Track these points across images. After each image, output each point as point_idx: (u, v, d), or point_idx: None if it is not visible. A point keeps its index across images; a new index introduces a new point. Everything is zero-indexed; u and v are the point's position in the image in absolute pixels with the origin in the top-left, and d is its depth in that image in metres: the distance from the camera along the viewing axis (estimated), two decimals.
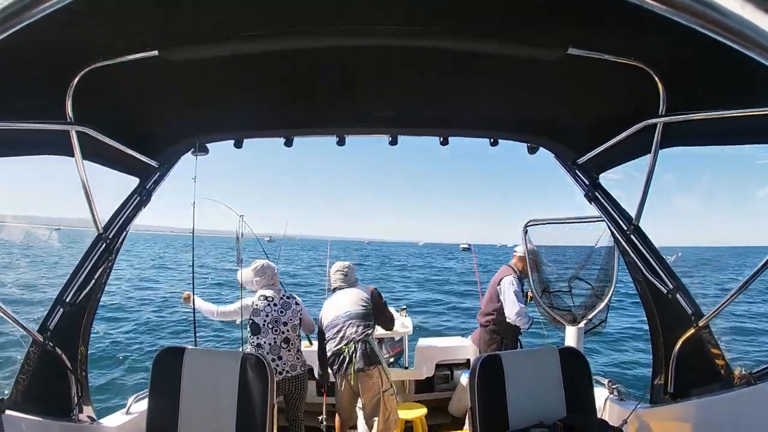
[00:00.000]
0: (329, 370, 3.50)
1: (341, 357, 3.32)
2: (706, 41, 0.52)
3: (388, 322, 3.72)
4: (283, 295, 3.66)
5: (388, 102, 2.38)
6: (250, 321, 3.54)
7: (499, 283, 4.21)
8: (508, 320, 4.13)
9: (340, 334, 3.36)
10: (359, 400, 3.43)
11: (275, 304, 3.57)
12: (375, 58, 1.86)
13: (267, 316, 3.52)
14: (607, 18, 1.50)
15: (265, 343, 3.50)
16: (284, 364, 3.50)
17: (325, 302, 3.68)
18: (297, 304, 3.67)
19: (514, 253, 4.48)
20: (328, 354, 3.42)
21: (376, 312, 3.55)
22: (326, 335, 3.46)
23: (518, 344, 4.30)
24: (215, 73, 1.97)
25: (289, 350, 3.54)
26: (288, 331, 3.55)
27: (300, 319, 3.64)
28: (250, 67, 1.94)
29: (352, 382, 3.28)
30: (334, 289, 3.70)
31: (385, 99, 2.34)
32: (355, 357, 3.24)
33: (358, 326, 3.36)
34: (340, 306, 3.48)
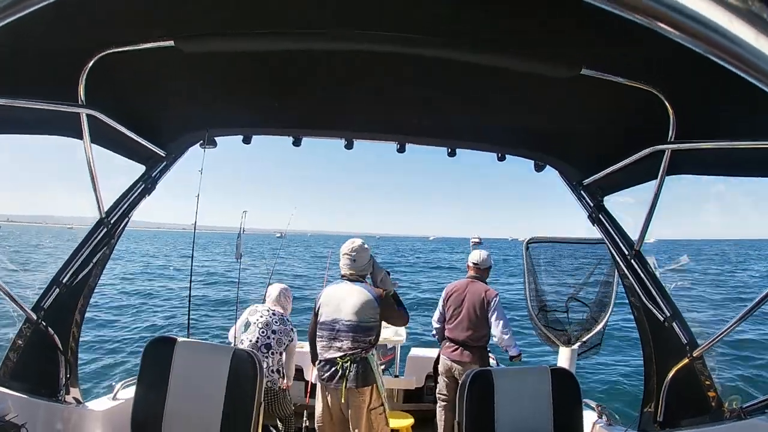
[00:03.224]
0: (315, 375, 3.24)
1: (332, 368, 3.04)
2: (720, 71, 0.52)
3: (400, 321, 3.32)
4: (284, 316, 3.74)
5: (398, 109, 2.39)
6: (246, 321, 3.66)
7: (489, 300, 3.97)
8: (495, 340, 3.94)
9: (337, 344, 3.05)
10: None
11: (273, 314, 3.67)
12: (388, 65, 1.87)
13: (261, 317, 3.62)
14: (623, 41, 1.51)
15: (246, 339, 3.53)
16: None
17: (327, 289, 3.27)
18: (289, 328, 3.69)
19: (474, 265, 4.20)
20: (319, 356, 3.15)
21: (386, 317, 3.17)
22: (318, 332, 3.16)
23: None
24: (229, 67, 1.99)
25: (266, 357, 3.51)
26: (272, 339, 3.56)
27: (285, 344, 3.66)
28: (264, 65, 1.95)
29: (342, 399, 3.01)
30: (342, 276, 3.24)
31: (395, 106, 2.35)
32: (349, 374, 2.97)
33: (358, 341, 3.03)
34: (342, 309, 3.08)
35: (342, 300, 3.11)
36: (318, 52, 1.80)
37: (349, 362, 2.99)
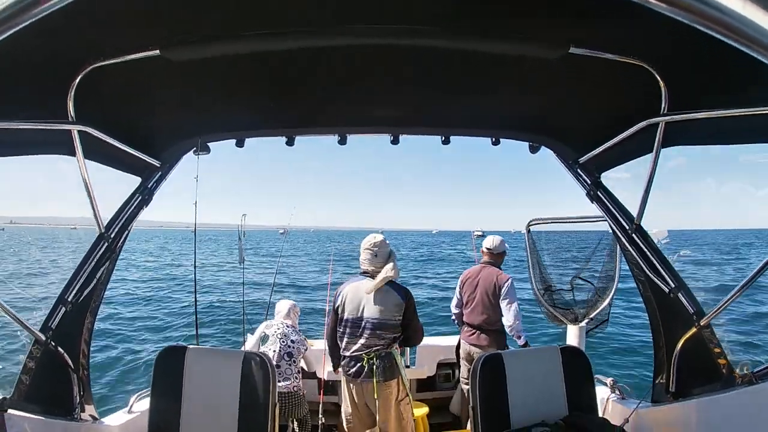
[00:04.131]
0: (340, 371, 3.27)
1: (358, 365, 3.09)
2: (709, 40, 0.52)
3: (414, 337, 3.24)
4: (294, 327, 4.00)
5: (389, 101, 2.38)
6: (263, 334, 3.95)
7: (501, 285, 4.02)
8: (505, 325, 4.00)
9: (361, 341, 3.09)
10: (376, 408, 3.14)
11: (287, 326, 3.93)
12: (376, 57, 1.86)
13: (278, 329, 3.85)
14: (610, 17, 1.50)
15: (270, 350, 3.74)
16: (280, 375, 3.64)
17: (348, 285, 3.25)
18: (303, 338, 3.95)
19: (487, 250, 4.28)
20: (342, 353, 3.19)
21: (405, 323, 3.14)
22: (342, 328, 3.19)
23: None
24: (217, 72, 1.97)
25: (290, 365, 3.74)
26: (293, 348, 3.80)
27: (302, 353, 3.91)
28: (252, 67, 1.94)
29: (375, 394, 3.05)
30: (364, 273, 3.23)
31: (385, 98, 2.34)
32: (376, 370, 3.04)
33: (384, 338, 3.08)
34: (367, 307, 3.10)
35: (366, 298, 3.11)
36: (304, 49, 1.79)
37: (374, 358, 3.05)
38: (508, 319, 3.94)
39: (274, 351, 3.72)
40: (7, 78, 1.67)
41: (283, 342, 3.77)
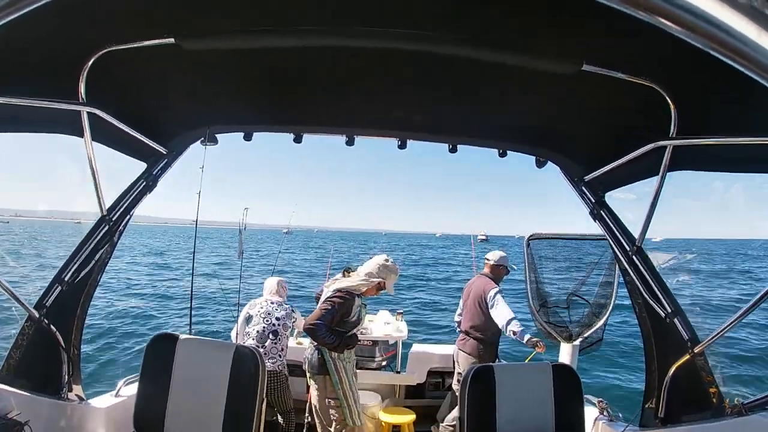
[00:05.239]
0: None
1: (305, 352, 3.29)
2: (722, 66, 0.52)
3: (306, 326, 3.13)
4: (282, 303, 3.97)
5: (399, 106, 2.38)
6: (247, 315, 3.88)
7: (485, 296, 4.10)
8: (504, 330, 4.01)
9: None
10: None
11: (272, 303, 3.91)
12: (389, 62, 1.87)
13: (261, 308, 3.83)
14: (624, 37, 1.50)
15: (254, 330, 3.73)
16: (265, 354, 3.65)
17: (332, 279, 3.43)
18: (290, 311, 3.93)
19: (486, 261, 4.42)
20: None
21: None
22: None
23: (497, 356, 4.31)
24: (229, 65, 1.98)
25: (275, 343, 3.73)
26: (278, 326, 3.79)
27: (290, 327, 3.91)
28: (265, 62, 1.95)
29: (311, 382, 3.22)
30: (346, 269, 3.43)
31: (395, 102, 2.35)
32: (309, 360, 3.19)
33: None
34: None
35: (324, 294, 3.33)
36: (320, 50, 1.80)
37: (311, 349, 3.21)
38: (499, 323, 3.98)
39: (258, 331, 3.72)
40: (22, 56, 1.68)
41: (267, 321, 3.77)
